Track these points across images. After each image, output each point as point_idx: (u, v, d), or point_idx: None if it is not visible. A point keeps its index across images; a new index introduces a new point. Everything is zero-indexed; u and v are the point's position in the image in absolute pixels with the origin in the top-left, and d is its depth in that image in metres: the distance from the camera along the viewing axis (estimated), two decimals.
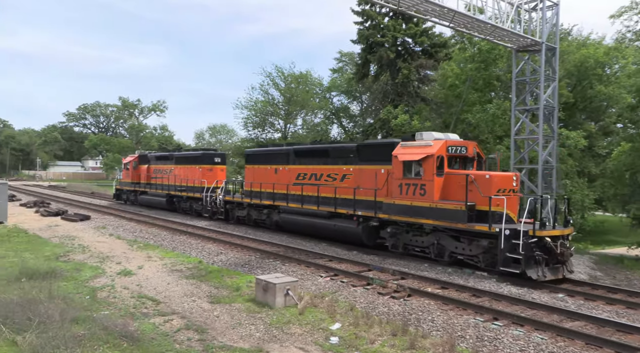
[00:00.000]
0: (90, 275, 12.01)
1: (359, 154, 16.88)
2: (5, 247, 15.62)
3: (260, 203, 21.21)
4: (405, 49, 31.02)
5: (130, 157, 35.46)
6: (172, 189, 29.01)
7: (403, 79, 30.00)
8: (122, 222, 23.36)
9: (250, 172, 22.54)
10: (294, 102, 43.62)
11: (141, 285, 11.24)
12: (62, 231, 20.00)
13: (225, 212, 24.02)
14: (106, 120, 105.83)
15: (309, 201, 18.42)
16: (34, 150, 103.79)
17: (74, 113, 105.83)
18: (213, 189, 25.11)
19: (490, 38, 17.61)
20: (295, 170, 19.73)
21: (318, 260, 14.24)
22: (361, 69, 33.05)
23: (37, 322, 7.40)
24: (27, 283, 10.22)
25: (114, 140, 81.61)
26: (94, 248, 15.89)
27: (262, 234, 19.63)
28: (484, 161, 14.95)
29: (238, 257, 15.03)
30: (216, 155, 28.08)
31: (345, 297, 10.55)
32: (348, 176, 17.24)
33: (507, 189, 12.82)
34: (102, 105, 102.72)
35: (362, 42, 31.85)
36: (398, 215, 14.72)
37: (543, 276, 11.72)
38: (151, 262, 13.90)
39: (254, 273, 12.77)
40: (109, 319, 8.20)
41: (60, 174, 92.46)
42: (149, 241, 17.92)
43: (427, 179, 13.90)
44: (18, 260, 12.88)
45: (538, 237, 11.77)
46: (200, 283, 11.45)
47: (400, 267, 13.54)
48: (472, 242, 13.04)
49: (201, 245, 16.98)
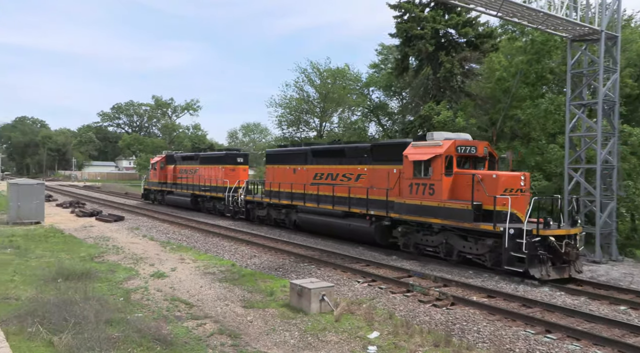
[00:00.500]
0: (124, 276, 12.45)
1: (373, 154, 17.60)
2: (42, 247, 16.43)
3: (278, 202, 22.14)
4: (447, 41, 30.46)
5: (158, 157, 37.13)
6: (196, 189, 30.24)
7: (445, 73, 29.46)
8: (155, 223, 24.11)
9: (270, 172, 23.47)
10: (330, 99, 43.69)
11: (174, 287, 11.55)
12: (97, 232, 20.85)
13: (247, 211, 24.99)
14: (139, 119, 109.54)
15: (325, 201, 19.34)
16: (70, 150, 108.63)
17: (108, 113, 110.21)
18: (235, 189, 26.17)
19: (543, 27, 17.02)
20: (312, 170, 20.65)
21: (355, 265, 14.20)
22: (400, 64, 32.72)
23: (73, 322, 7.73)
24: (63, 283, 10.70)
25: (147, 140, 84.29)
26: (128, 250, 16.47)
27: (284, 234, 20.07)
28: (497, 161, 15.63)
29: (272, 260, 15.20)
30: (239, 156, 29.25)
31: (384, 304, 10.48)
32: (362, 176, 17.97)
33: (514, 189, 13.32)
34: (135, 105, 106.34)
35: (401, 35, 31.53)
36: (408, 215, 15.43)
37: (547, 275, 12.18)
38: (184, 264, 14.26)
39: (288, 277, 12.87)
40: (142, 322, 8.47)
41: (94, 174, 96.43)
42: (182, 243, 18.41)
43: (435, 179, 14.60)
44: (54, 261, 13.52)
45: (542, 237, 12.24)
46: (233, 287, 11.65)
47: (442, 273, 13.32)
48: (478, 241, 13.62)
49: (234, 248, 17.28)
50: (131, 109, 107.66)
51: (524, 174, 13.85)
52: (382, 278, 12.53)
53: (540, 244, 12.26)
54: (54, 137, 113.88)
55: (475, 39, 30.05)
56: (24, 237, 18.18)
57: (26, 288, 10.55)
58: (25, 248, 15.91)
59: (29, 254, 14.94)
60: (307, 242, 18.50)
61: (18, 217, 22.06)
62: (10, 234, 18.53)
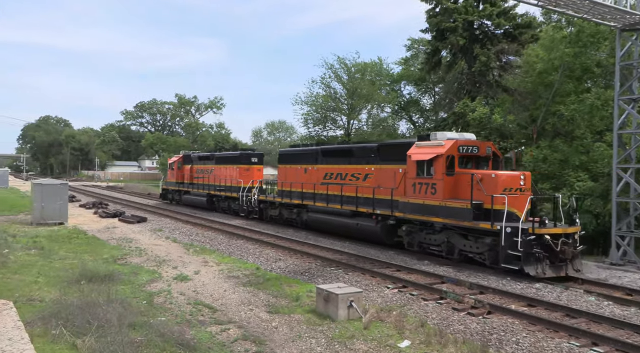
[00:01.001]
0: (147, 279, 12.72)
1: (380, 154, 18.51)
2: (65, 248, 16.96)
3: (290, 202, 23.39)
4: (482, 33, 29.95)
5: (175, 157, 38.59)
6: (212, 189, 31.55)
7: (481, 66, 28.98)
8: (177, 225, 24.56)
9: (282, 172, 24.69)
10: (358, 95, 43.55)
11: (197, 291, 11.73)
12: (120, 233, 21.38)
13: (260, 211, 26.27)
14: (163, 118, 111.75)
15: (334, 200, 20.37)
16: (93, 149, 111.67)
17: (131, 111, 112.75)
18: (249, 189, 27.42)
19: (589, 16, 16.54)
20: (322, 169, 21.68)
21: (384, 270, 14.14)
22: (431, 58, 32.36)
23: (96, 325, 7.95)
24: (87, 285, 11.01)
25: (170, 139, 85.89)
26: (151, 252, 16.83)
27: (306, 235, 19.90)
28: (501, 160, 16.39)
29: (297, 264, 15.26)
30: (253, 155, 30.43)
31: (415, 312, 10.38)
32: (370, 176, 18.87)
33: (513, 188, 14.04)
34: (158, 103, 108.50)
35: (432, 29, 31.18)
36: (412, 214, 16.30)
37: (542, 273, 12.97)
38: (207, 267, 14.48)
39: (314, 282, 12.89)
40: (165, 326, 8.63)
41: (117, 174, 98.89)
42: (205, 245, 18.69)
43: (437, 178, 15.44)
44: (78, 262, 13.92)
45: (537, 235, 13.00)
46: (258, 291, 11.75)
47: (478, 279, 13.12)
48: (478, 239, 14.47)
49: (259, 251, 17.44)
50: (154, 108, 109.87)
51: (524, 173, 14.51)
52: (414, 284, 12.43)
53: (537, 243, 13.00)
54: (77, 136, 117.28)
55: (513, 30, 29.44)
56: (48, 238, 18.80)
57: (50, 289, 10.91)
58: (49, 249, 16.45)
59: (52, 255, 15.44)
60: (334, 245, 18.53)
61: (42, 217, 22.82)
62: (34, 235, 19.19)
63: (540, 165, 23.65)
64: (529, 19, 29.90)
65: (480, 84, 29.94)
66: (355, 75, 43.96)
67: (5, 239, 16.69)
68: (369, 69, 44.25)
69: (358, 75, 43.78)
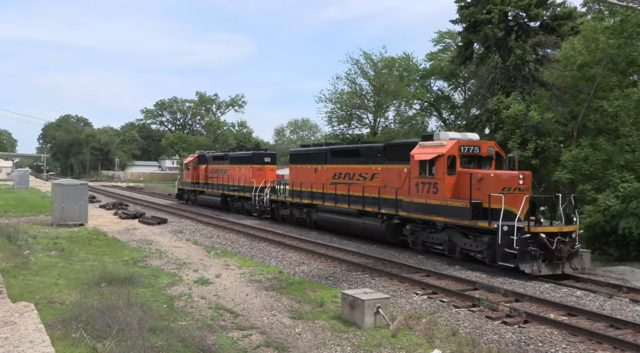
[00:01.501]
0: (168, 282, 12.93)
1: (386, 154, 19.44)
2: (85, 250, 17.38)
3: (300, 202, 24.53)
4: (517, 25, 29.42)
5: (191, 157, 39.98)
6: (226, 189, 32.78)
7: (516, 60, 28.46)
8: (198, 227, 24.90)
9: (294, 172, 25.78)
10: (385, 91, 43.33)
11: (219, 295, 11.87)
12: (140, 235, 21.80)
13: (272, 211, 27.37)
14: (183, 116, 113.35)
15: (342, 200, 21.41)
16: (113, 149, 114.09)
17: (152, 110, 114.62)
18: (261, 189, 28.51)
19: (635, 4, 16.08)
20: (332, 169, 22.75)
21: (413, 275, 14.05)
22: (463, 52, 31.95)
23: (117, 329, 8.12)
24: (107, 288, 11.26)
25: (190, 138, 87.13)
26: (171, 254, 17.11)
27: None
28: (505, 160, 17.19)
29: (321, 268, 15.29)
30: (266, 155, 31.85)
31: (446, 320, 10.28)
32: (377, 175, 19.85)
33: (512, 188, 14.78)
34: (179, 101, 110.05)
35: (464, 20, 30.78)
36: (415, 213, 17.25)
37: (538, 271, 13.67)
38: (229, 271, 14.63)
39: (339, 287, 12.89)
40: (186, 330, 8.77)
41: (137, 174, 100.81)
42: (227, 247, 18.89)
43: (439, 178, 16.31)
44: (98, 264, 14.26)
45: (532, 233, 13.75)
46: (281, 296, 11.81)
47: (513, 286, 12.91)
48: (477, 238, 15.32)
49: (281, 254, 17.54)
50: (174, 106, 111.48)
51: (523, 173, 15.30)
52: (444, 291, 12.31)
53: (533, 241, 13.77)
54: (97, 135, 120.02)
55: (551, 21, 28.83)
56: (68, 239, 19.30)
57: (70, 292, 11.20)
58: (69, 250, 16.88)
59: (72, 257, 15.84)
60: (360, 248, 18.50)
61: (62, 218, 23.44)
62: (54, 236, 19.72)
63: (581, 165, 23.09)
64: (569, 10, 29.24)
65: (515, 79, 29.41)
66: (382, 71, 43.72)
67: (26, 240, 17.20)
68: (396, 64, 43.95)
69: (385, 71, 43.53)
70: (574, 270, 14.24)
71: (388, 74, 43.21)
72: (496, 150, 17.03)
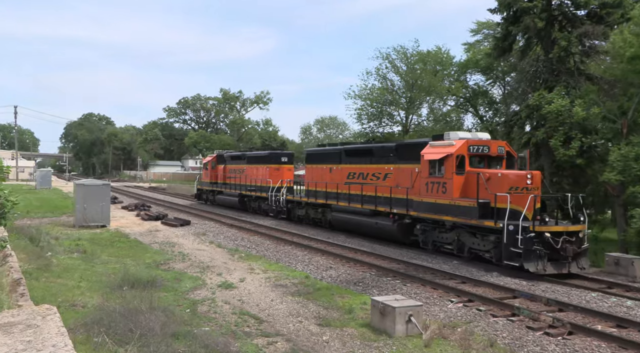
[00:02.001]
0: (191, 286, 13.12)
1: (398, 153, 20.37)
2: (108, 252, 17.78)
3: (315, 202, 25.72)
4: (562, 14, 28.73)
5: (209, 157, 41.52)
6: (243, 189, 34.17)
7: (560, 52, 27.79)
8: (222, 229, 25.18)
9: (309, 172, 27.11)
10: (417, 87, 42.97)
11: (243, 300, 11.98)
12: (162, 237, 22.18)
13: (287, 211, 28.60)
14: (206, 114, 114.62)
15: (355, 200, 22.38)
16: (135, 149, 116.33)
17: (174, 108, 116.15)
18: (278, 189, 29.64)
19: None
20: (346, 169, 23.82)
21: (447, 282, 13.91)
22: (501, 43, 31.38)
23: (139, 334, 8.27)
24: (129, 291, 11.49)
25: (214, 137, 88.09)
26: (194, 257, 17.35)
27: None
28: (516, 160, 17.93)
29: (350, 273, 15.27)
30: (283, 155, 33.11)
31: (483, 329, 10.14)
32: (389, 175, 20.75)
33: (519, 187, 15.46)
34: (202, 99, 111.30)
35: (503, 10, 30.22)
36: (425, 213, 18.11)
37: (543, 270, 14.39)
38: (253, 275, 14.75)
39: (369, 293, 12.87)
40: (209, 336, 8.87)
41: (160, 175, 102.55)
42: (251, 251, 19.05)
43: (447, 178, 17.11)
44: (120, 267, 14.56)
45: (537, 233, 14.42)
46: (307, 302, 11.85)
47: (557, 295, 12.65)
48: (484, 237, 16.13)
49: (308, 258, 17.58)
50: (198, 104, 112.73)
51: (531, 172, 15.99)
52: (481, 299, 12.15)
53: (538, 240, 14.42)
54: (120, 134, 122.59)
55: (599, 10, 28.05)
56: (90, 241, 19.78)
57: (92, 295, 11.46)
58: (92, 252, 17.29)
59: (94, 259, 16.23)
60: (390, 253, 18.41)
61: (84, 219, 24.03)
62: (77, 238, 20.23)
63: (631, 165, 22.42)
64: None
65: (559, 72, 28.73)
66: (414, 66, 43.35)
67: (48, 242, 17.67)
68: (430, 58, 43.48)
69: (418, 66, 43.14)
70: (581, 269, 14.80)
71: (421, 69, 42.80)
72: (507, 150, 17.82)
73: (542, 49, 29.79)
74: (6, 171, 6.77)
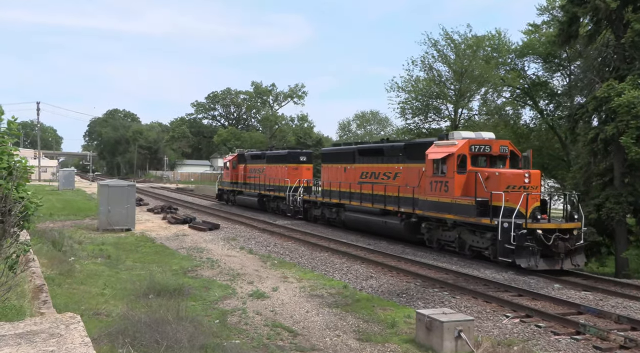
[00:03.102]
0: (220, 295, 13.34)
1: (406, 153, 22.30)
2: (132, 258, 18.26)
3: (329, 201, 28.08)
4: None
5: (230, 156, 44.03)
6: (262, 189, 36.37)
7: (634, 36, 26.89)
8: (253, 233, 25.49)
9: (325, 171, 29.42)
10: (468, 77, 42.32)
11: (276, 311, 12.10)
12: (190, 242, 22.61)
13: (304, 211, 30.90)
14: (237, 110, 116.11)
15: (366, 199, 24.51)
16: (161, 147, 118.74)
17: (203, 103, 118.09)
18: (295, 188, 31.58)
19: None
20: (359, 168, 25.93)
21: (502, 294, 13.72)
22: (566, 29, 30.58)
23: (165, 346, 8.47)
24: (155, 300, 11.78)
25: (245, 135, 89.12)
26: (224, 264, 17.63)
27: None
28: (520, 159, 19.78)
29: (392, 283, 15.22)
30: (302, 154, 35.05)
31: (543, 348, 9.95)
32: (399, 174, 22.72)
33: (517, 186, 17.33)
34: (232, 93, 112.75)
35: None
36: (429, 211, 20.04)
37: (535, 266, 16.16)
38: (287, 284, 14.88)
39: (413, 305, 12.81)
40: (240, 350, 9.01)
41: (187, 175, 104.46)
42: (285, 257, 19.22)
43: (449, 177, 19.03)
44: (146, 274, 14.94)
45: (529, 230, 16.24)
46: (346, 314, 11.87)
47: (629, 311, 12.30)
48: (482, 235, 17.95)
49: (346, 266, 17.62)
50: (228, 98, 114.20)
51: (529, 171, 17.81)
52: (541, 314, 11.92)
53: (532, 237, 16.19)
54: (145, 132, 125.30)
55: None
56: (115, 246, 20.35)
57: (117, 303, 11.81)
58: (116, 258, 17.81)
59: (119, 265, 16.71)
60: (438, 261, 18.27)
61: (108, 222, 24.75)
62: (100, 242, 20.87)
63: None
64: None
65: (632, 59, 27.76)
66: (465, 51, 42.64)
67: (71, 246, 18.30)
68: (484, 44, 42.66)
69: (469, 52, 42.41)
70: (575, 266, 16.83)
71: (472, 56, 42.09)
72: (511, 149, 19.62)
73: (612, 34, 28.88)
74: (30, 171, 7.00)
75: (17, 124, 7.29)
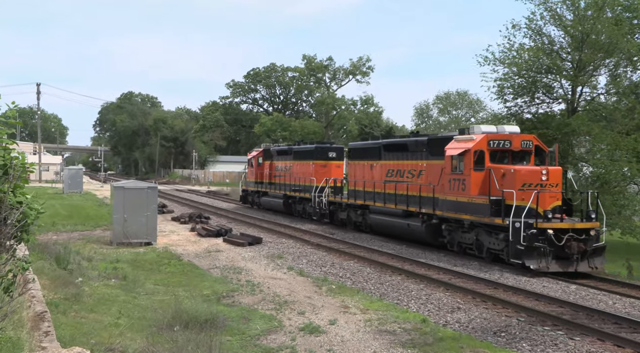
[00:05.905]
0: (263, 328, 13.44)
1: (429, 148, 24.85)
2: (154, 279, 18.66)
3: (354, 203, 30.97)
4: None
5: (255, 152, 46.31)
6: (288, 189, 38.99)
7: None
8: (305, 249, 25.62)
9: (352, 169, 32.40)
10: (592, 44, 41.02)
11: (334, 350, 12.08)
12: (225, 259, 22.93)
13: (330, 214, 33.68)
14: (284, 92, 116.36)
15: (390, 199, 27.17)
16: (190, 139, 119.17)
17: (241, 83, 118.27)
18: (322, 189, 33.96)
19: None
20: (385, 166, 28.76)
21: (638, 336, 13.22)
22: None
23: None
24: (182, 333, 11.98)
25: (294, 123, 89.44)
26: (267, 288, 17.77)
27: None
28: (547, 154, 22.21)
29: (487, 317, 14.97)
30: (331, 149, 37.62)
31: None
32: (423, 172, 25.33)
33: (534, 184, 19.85)
34: (278, 70, 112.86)
35: None
36: (448, 212, 22.60)
37: (546, 267, 18.75)
38: (348, 315, 14.85)
39: (516, 348, 12.58)
40: None
41: (222, 175, 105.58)
42: (345, 281, 19.20)
43: (466, 174, 21.61)
44: (170, 300, 15.22)
45: (539, 230, 18.85)
46: None
47: None
48: (497, 235, 20.44)
49: (425, 294, 17.43)
50: (272, 76, 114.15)
51: (547, 168, 20.26)
52: None
53: (543, 237, 18.75)
54: (169, 120, 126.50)
55: None
56: (132, 264, 20.86)
57: (134, 336, 12.07)
58: (133, 279, 18.23)
59: (137, 288, 17.10)
60: (547, 290, 17.83)
61: (124, 234, 25.33)
62: (114, 259, 21.41)
63: None
64: None
65: None
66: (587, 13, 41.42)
67: (78, 264, 18.82)
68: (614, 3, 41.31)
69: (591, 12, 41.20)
70: (593, 269, 19.20)
71: (596, 18, 40.81)
72: (536, 144, 21.83)
73: None
74: (29, 170, 7.12)
75: (15, 111, 7.41)
